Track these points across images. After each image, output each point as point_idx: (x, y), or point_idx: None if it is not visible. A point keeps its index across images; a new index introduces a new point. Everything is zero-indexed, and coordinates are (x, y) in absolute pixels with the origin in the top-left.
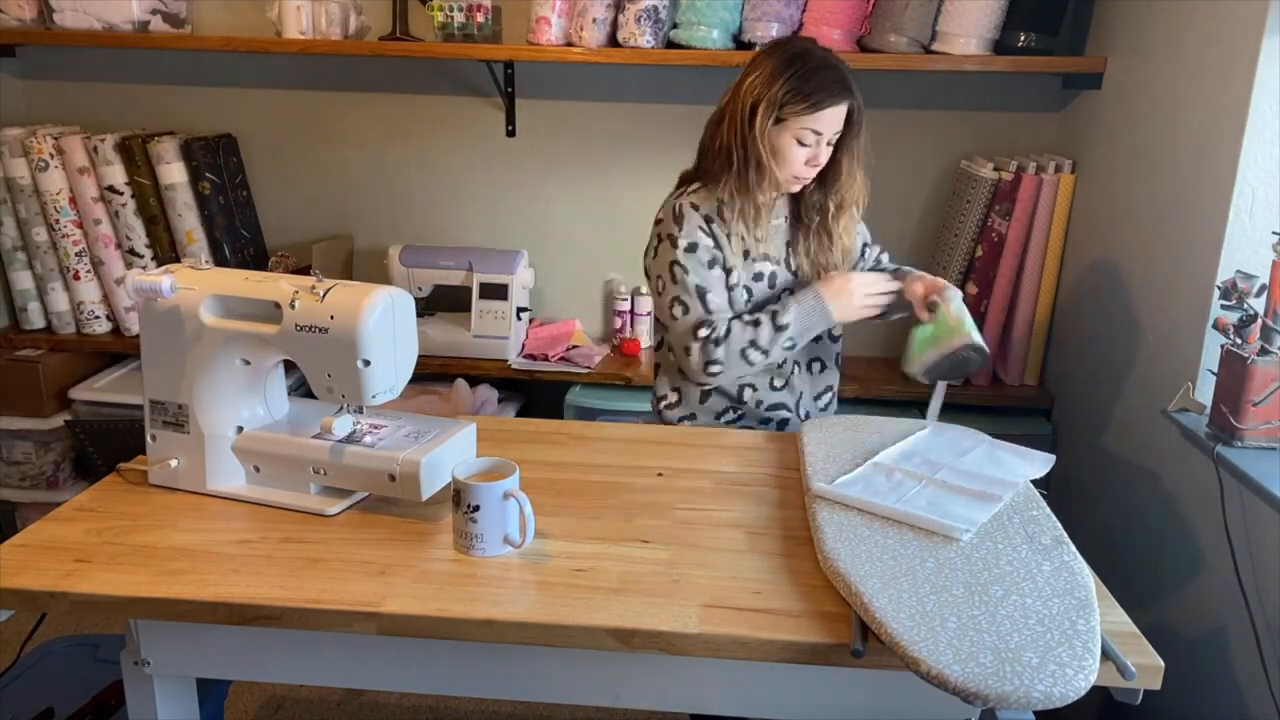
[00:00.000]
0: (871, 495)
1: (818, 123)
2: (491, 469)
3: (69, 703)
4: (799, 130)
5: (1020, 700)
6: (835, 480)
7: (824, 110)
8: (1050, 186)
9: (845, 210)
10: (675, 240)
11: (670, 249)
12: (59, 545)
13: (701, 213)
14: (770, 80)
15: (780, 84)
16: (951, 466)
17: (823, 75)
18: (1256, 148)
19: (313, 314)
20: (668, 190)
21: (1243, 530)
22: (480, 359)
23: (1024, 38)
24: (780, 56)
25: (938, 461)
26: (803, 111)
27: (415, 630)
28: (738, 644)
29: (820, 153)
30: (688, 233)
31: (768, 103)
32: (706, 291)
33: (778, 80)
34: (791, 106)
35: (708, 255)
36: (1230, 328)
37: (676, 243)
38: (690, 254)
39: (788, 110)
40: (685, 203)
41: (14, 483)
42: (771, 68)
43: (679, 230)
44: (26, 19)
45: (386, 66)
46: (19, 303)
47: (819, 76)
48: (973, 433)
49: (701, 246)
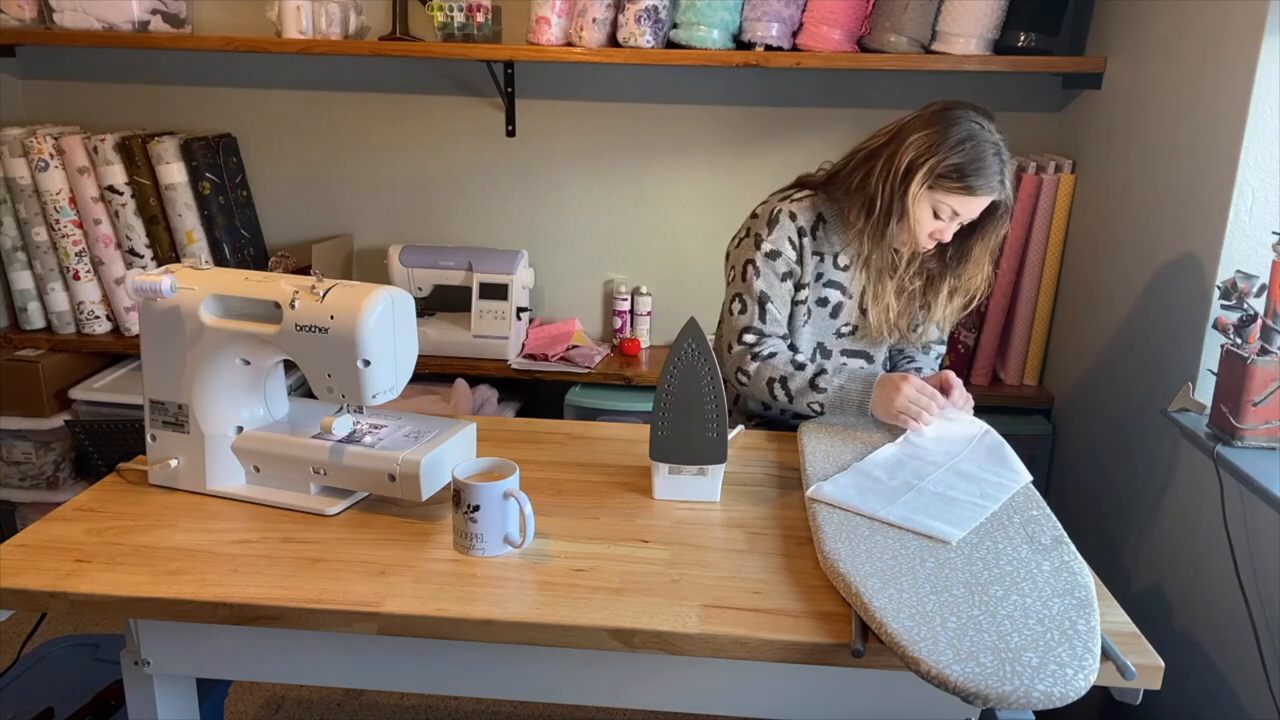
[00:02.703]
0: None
1: (962, 205)
2: (491, 469)
3: (69, 703)
4: (941, 204)
5: (1020, 700)
6: (830, 478)
7: (976, 197)
8: (1050, 186)
9: (961, 295)
10: (760, 242)
11: (752, 248)
12: (59, 545)
13: (797, 224)
14: (937, 146)
15: (946, 154)
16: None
17: (990, 163)
18: (1256, 148)
19: (313, 314)
20: (668, 190)
21: (1243, 530)
22: (480, 359)
23: (1024, 38)
24: (955, 127)
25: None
26: (954, 190)
27: (415, 630)
28: (738, 644)
29: (948, 230)
30: (775, 239)
31: (928, 169)
32: (769, 300)
33: (945, 150)
34: (947, 181)
35: (785, 267)
36: (1230, 328)
37: (760, 244)
38: (769, 260)
39: (941, 183)
40: (785, 209)
41: (14, 483)
42: (942, 135)
43: (767, 234)
44: (26, 19)
45: (386, 66)
46: (19, 303)
47: (986, 163)
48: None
49: (783, 257)
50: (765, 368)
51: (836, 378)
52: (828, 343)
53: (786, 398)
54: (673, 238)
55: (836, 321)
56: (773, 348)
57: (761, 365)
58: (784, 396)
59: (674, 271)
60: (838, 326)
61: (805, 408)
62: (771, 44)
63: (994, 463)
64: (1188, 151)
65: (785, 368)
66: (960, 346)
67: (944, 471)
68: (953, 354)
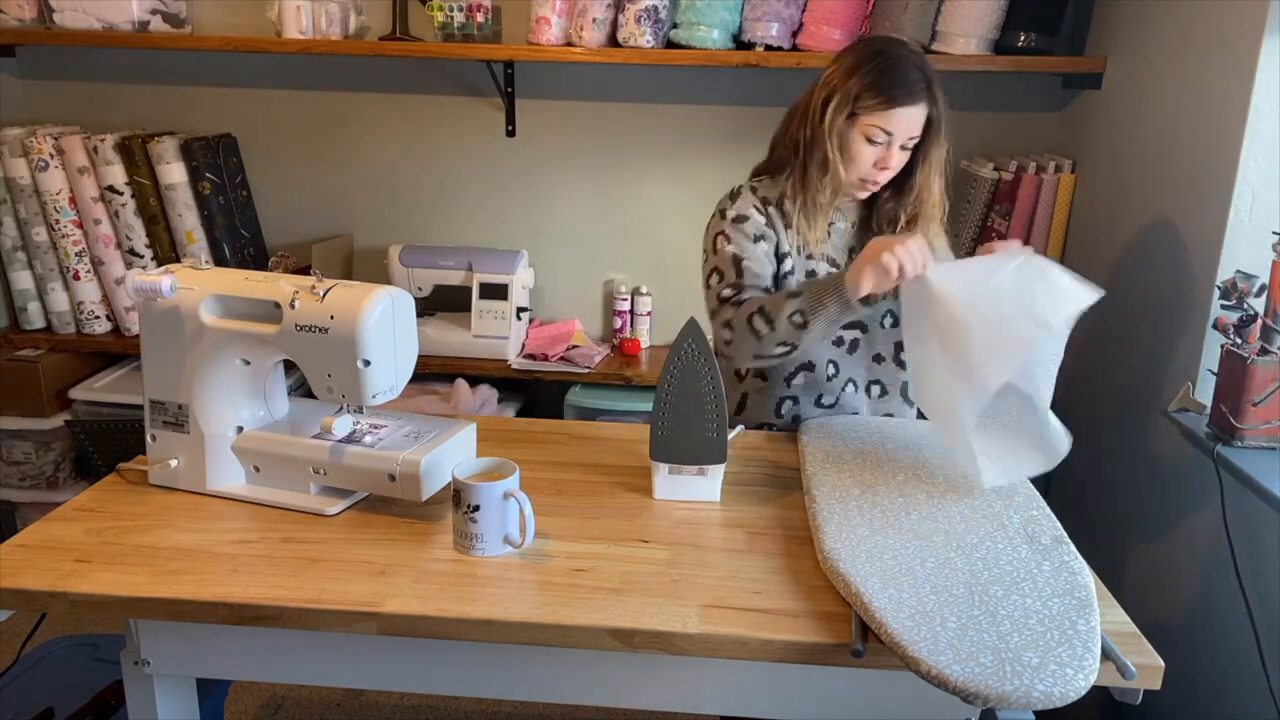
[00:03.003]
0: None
1: (890, 121)
2: (491, 469)
3: (69, 703)
4: (869, 128)
5: (1020, 700)
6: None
7: (899, 108)
8: (1050, 186)
9: (919, 224)
10: (725, 213)
11: (719, 221)
12: (59, 545)
13: (759, 195)
14: (848, 73)
15: (857, 77)
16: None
17: (903, 72)
18: (1256, 148)
19: (313, 314)
20: (668, 190)
21: (1243, 530)
22: (480, 359)
23: (1024, 38)
24: (863, 50)
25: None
26: (876, 108)
27: (415, 630)
28: (738, 644)
29: (891, 156)
30: (740, 207)
31: (842, 96)
32: (743, 259)
33: (855, 73)
34: (865, 101)
35: (755, 230)
36: (1230, 328)
37: (725, 215)
38: (737, 225)
39: (861, 105)
40: (746, 185)
41: (14, 483)
42: (851, 61)
43: (731, 205)
44: (26, 19)
45: (386, 66)
46: (19, 303)
47: (898, 73)
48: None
49: (750, 220)
50: (742, 310)
51: (805, 284)
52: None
53: (767, 324)
54: (673, 238)
55: None
56: (746, 294)
57: (737, 311)
58: (765, 326)
59: (674, 271)
60: None
61: (788, 324)
62: (771, 44)
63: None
64: (1188, 151)
65: (759, 300)
66: None
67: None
68: None
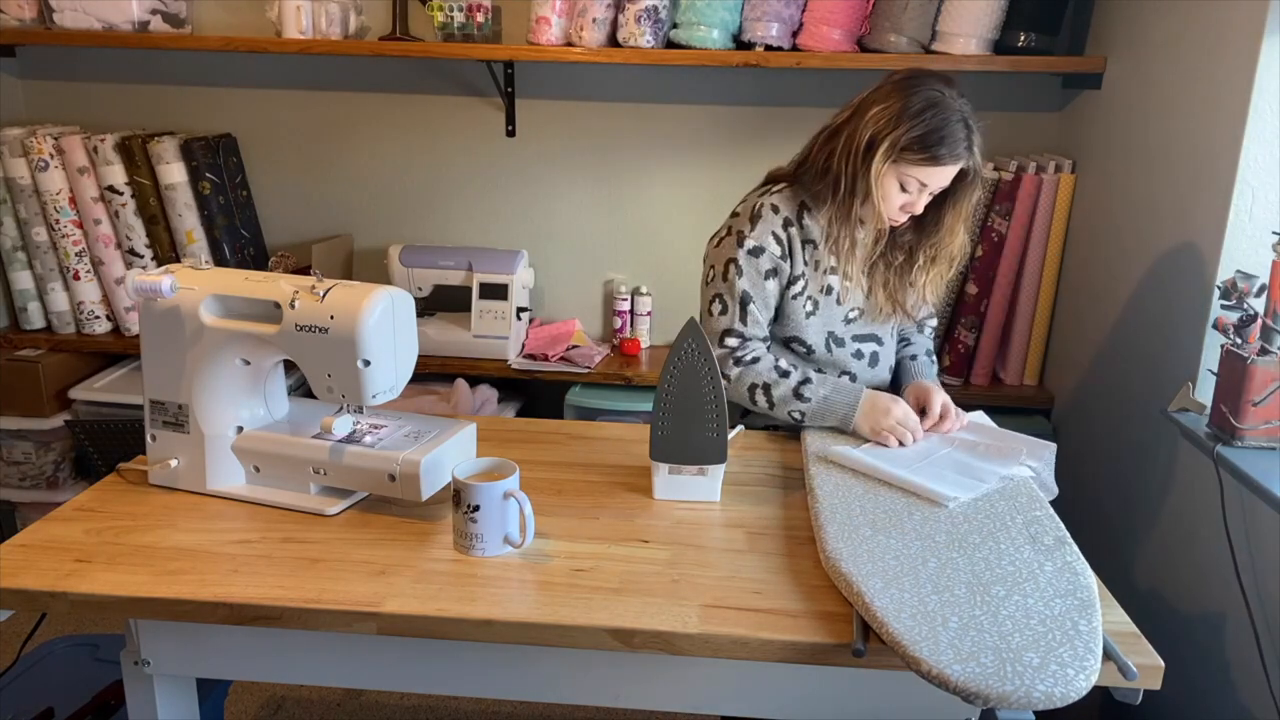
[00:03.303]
0: (868, 462)
1: (929, 176)
2: (491, 469)
3: (69, 703)
4: (907, 178)
5: (1021, 700)
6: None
7: (942, 167)
8: (1050, 186)
9: (940, 264)
10: (743, 239)
11: (734, 246)
12: (59, 545)
13: (781, 215)
14: (897, 120)
15: (906, 128)
16: (949, 452)
17: (953, 131)
18: (1256, 148)
19: (313, 314)
20: (668, 190)
21: (1243, 530)
22: (480, 359)
23: (1024, 38)
24: (914, 97)
25: (935, 447)
26: (920, 162)
27: (415, 630)
28: (738, 644)
29: (919, 202)
30: (758, 234)
31: (890, 143)
32: (751, 300)
33: (904, 123)
34: (910, 154)
35: (769, 264)
36: (1230, 328)
37: (743, 241)
38: (752, 258)
39: (905, 156)
40: (767, 203)
41: (14, 483)
42: (902, 106)
43: (750, 229)
44: (26, 19)
45: (386, 66)
46: (19, 303)
47: (949, 131)
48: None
49: (766, 253)
50: (747, 373)
51: (821, 388)
52: (838, 330)
53: (768, 404)
54: (673, 238)
55: (843, 308)
56: (755, 352)
57: (744, 370)
58: (765, 403)
59: (674, 271)
60: (845, 313)
61: (786, 416)
62: (771, 44)
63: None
64: (1188, 151)
65: (768, 374)
66: (960, 346)
67: (954, 449)
68: (953, 354)
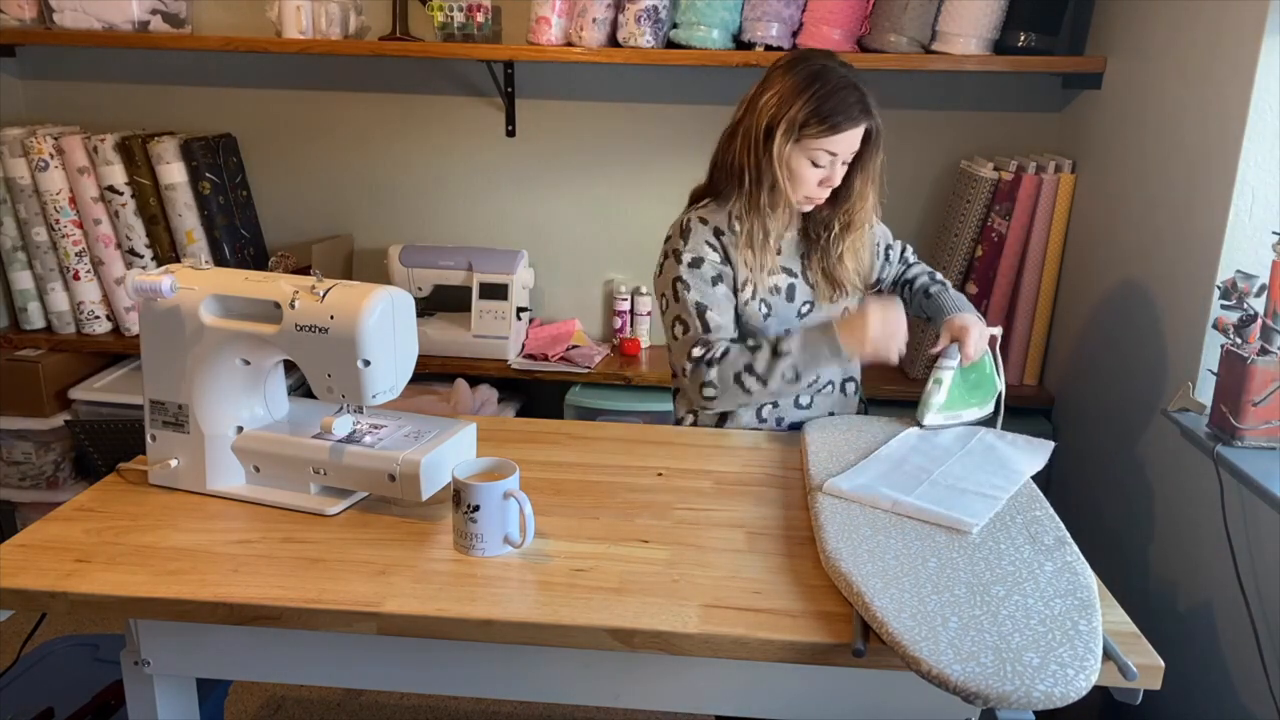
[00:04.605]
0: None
1: (834, 145)
2: (491, 469)
3: (69, 703)
4: (814, 151)
5: (1021, 700)
6: (843, 473)
7: (843, 133)
8: (1050, 186)
9: (853, 230)
10: (680, 255)
11: (674, 265)
12: (59, 545)
13: (710, 225)
14: (788, 99)
15: (799, 104)
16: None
17: (843, 96)
18: (1256, 148)
19: (313, 314)
20: (668, 190)
21: (1243, 530)
22: (480, 359)
23: (1024, 38)
24: (799, 74)
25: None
26: (821, 134)
27: (415, 630)
28: (738, 644)
29: (834, 173)
30: (693, 247)
31: (786, 124)
32: (707, 309)
33: (796, 100)
34: (810, 128)
35: (712, 271)
36: (1230, 328)
37: (681, 258)
38: (694, 269)
39: (805, 131)
40: (693, 217)
41: (14, 483)
42: (790, 86)
43: (684, 244)
44: (26, 19)
45: (386, 66)
46: (19, 303)
47: (839, 97)
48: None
49: (707, 261)
50: (724, 368)
51: (794, 336)
52: (794, 328)
53: (760, 383)
54: None
55: (795, 304)
56: (722, 347)
57: (719, 369)
58: (756, 384)
59: None
60: (798, 308)
61: (781, 382)
62: (771, 44)
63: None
64: (1188, 151)
65: (743, 357)
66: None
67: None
68: None
